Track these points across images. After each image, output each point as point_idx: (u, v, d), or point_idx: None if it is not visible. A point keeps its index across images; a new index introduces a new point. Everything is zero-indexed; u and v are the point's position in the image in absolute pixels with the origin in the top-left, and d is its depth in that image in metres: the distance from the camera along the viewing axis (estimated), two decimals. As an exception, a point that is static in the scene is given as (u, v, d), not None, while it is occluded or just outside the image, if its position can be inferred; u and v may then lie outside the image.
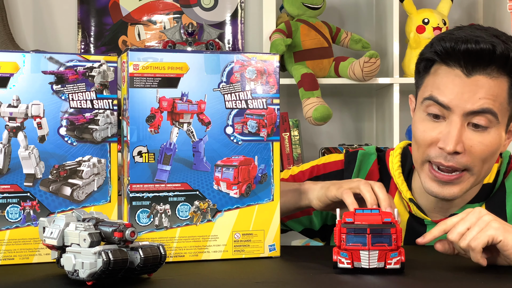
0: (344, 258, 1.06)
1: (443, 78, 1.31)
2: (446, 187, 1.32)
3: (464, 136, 1.29)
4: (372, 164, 1.51)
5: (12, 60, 1.16)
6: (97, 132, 1.20)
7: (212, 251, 1.20)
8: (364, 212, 1.09)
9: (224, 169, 1.21)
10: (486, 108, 1.28)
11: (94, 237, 0.98)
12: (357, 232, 1.06)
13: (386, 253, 1.06)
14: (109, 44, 2.93)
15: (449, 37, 1.31)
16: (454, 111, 1.29)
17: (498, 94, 1.29)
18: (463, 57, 1.28)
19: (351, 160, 1.52)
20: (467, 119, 1.29)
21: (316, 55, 2.62)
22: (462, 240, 1.11)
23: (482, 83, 1.28)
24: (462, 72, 1.29)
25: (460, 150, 1.28)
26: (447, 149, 1.28)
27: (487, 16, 2.92)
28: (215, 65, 1.20)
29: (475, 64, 1.28)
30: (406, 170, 1.46)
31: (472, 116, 1.29)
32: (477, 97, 1.28)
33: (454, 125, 1.28)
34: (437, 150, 1.31)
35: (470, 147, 1.29)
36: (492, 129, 1.30)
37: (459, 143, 1.28)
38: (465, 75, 1.29)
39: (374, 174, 1.50)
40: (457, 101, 1.28)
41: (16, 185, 1.16)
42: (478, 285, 1.04)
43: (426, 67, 1.35)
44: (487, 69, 1.28)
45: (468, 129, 1.30)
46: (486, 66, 1.28)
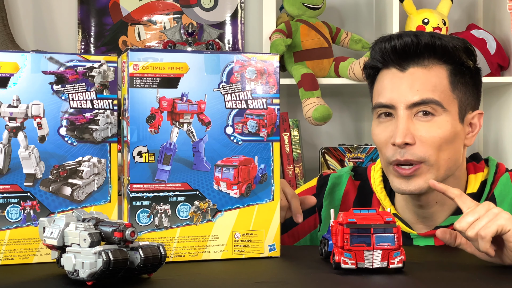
0: (348, 259, 1.06)
1: (383, 81, 1.36)
2: (410, 182, 1.33)
3: (412, 128, 1.32)
4: (346, 183, 1.52)
5: (12, 60, 1.16)
6: (97, 132, 1.20)
7: (212, 251, 1.20)
8: (362, 212, 1.09)
9: (224, 169, 1.21)
10: (425, 98, 1.32)
11: (94, 237, 0.98)
12: (360, 232, 1.06)
13: (389, 253, 1.06)
14: (109, 44, 2.93)
15: (377, 40, 1.38)
16: (398, 107, 1.33)
17: (436, 83, 1.33)
18: (392, 54, 1.34)
19: (323, 184, 1.54)
20: (412, 112, 1.32)
21: (316, 55, 2.62)
22: (470, 229, 1.10)
23: (418, 75, 1.33)
24: (397, 69, 1.34)
25: (409, 141, 1.31)
26: (396, 141, 1.31)
27: (487, 16, 2.92)
28: (215, 65, 1.20)
29: (405, 58, 1.33)
30: (388, 185, 1.44)
31: (416, 108, 1.32)
32: (415, 88, 1.32)
33: (400, 119, 1.32)
34: (392, 149, 1.33)
35: (420, 137, 1.31)
36: (439, 117, 1.32)
37: (407, 134, 1.31)
38: (400, 71, 1.34)
39: (351, 192, 1.51)
40: (397, 97, 1.33)
41: (16, 185, 1.16)
42: (478, 285, 1.04)
43: (369, 75, 1.42)
44: (419, 60, 1.33)
45: (416, 120, 1.33)
46: (417, 58, 1.33)
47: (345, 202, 1.51)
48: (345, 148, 2.69)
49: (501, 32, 2.73)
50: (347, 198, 1.51)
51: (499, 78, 2.63)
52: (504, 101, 2.72)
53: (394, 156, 1.33)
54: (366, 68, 1.42)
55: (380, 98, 1.36)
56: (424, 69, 1.33)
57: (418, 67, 1.33)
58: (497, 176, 1.42)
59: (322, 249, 1.19)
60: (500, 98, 2.74)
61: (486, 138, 2.82)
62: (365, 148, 2.69)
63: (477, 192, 1.40)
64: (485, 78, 2.62)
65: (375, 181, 1.47)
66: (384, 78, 1.37)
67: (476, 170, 1.42)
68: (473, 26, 2.79)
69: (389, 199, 1.45)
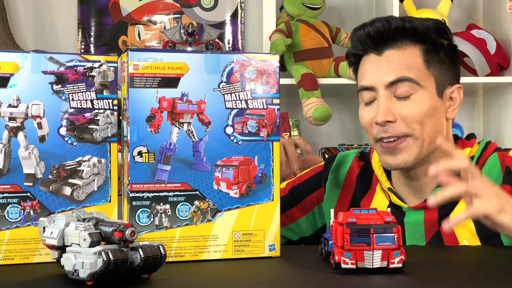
0: (348, 259, 1.06)
1: (363, 66, 1.46)
2: (396, 156, 1.41)
3: (393, 106, 1.40)
4: (352, 160, 1.61)
5: (12, 60, 1.16)
6: (97, 132, 1.20)
7: (212, 251, 1.20)
8: (362, 212, 1.09)
9: (224, 169, 1.21)
10: (401, 76, 1.40)
11: (94, 237, 0.98)
12: (360, 232, 1.06)
13: (389, 253, 1.06)
14: (109, 44, 2.93)
15: (354, 31, 1.47)
16: (377, 88, 1.42)
17: (411, 63, 1.41)
18: (368, 39, 1.43)
19: (330, 161, 1.65)
20: (391, 91, 1.41)
21: (316, 55, 2.62)
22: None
23: (393, 56, 1.42)
24: (374, 53, 1.44)
25: (391, 118, 1.39)
26: (378, 120, 1.40)
27: (487, 16, 2.92)
28: (215, 65, 1.20)
29: (380, 42, 1.43)
30: None
31: (394, 88, 1.40)
32: (391, 69, 1.41)
33: (380, 99, 1.41)
34: (376, 127, 1.42)
35: (400, 114, 1.40)
36: (417, 94, 1.40)
37: (388, 113, 1.39)
38: (377, 55, 1.43)
39: (355, 169, 1.60)
40: (376, 79, 1.42)
41: (16, 185, 1.16)
42: (478, 285, 1.04)
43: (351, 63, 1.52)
44: (393, 43, 1.42)
45: (395, 100, 1.41)
46: (391, 41, 1.42)
47: (349, 177, 1.60)
48: (345, 148, 2.69)
49: (501, 32, 2.73)
50: (351, 174, 1.60)
51: (499, 78, 2.63)
52: (504, 101, 2.72)
53: (379, 134, 1.41)
54: (348, 56, 1.52)
55: (362, 81, 1.46)
56: (398, 51, 1.42)
57: (392, 50, 1.42)
58: (486, 153, 1.48)
59: (322, 249, 1.19)
60: (500, 98, 2.74)
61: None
62: (365, 148, 2.69)
63: None
64: (485, 78, 2.63)
65: (374, 159, 1.56)
66: (364, 63, 1.46)
67: (464, 146, 1.50)
68: (473, 26, 2.79)
69: (386, 176, 1.53)
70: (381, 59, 1.43)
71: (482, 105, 2.95)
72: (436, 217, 1.44)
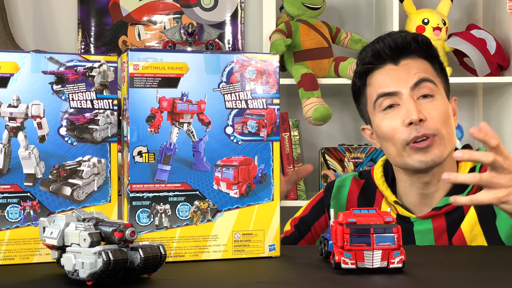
0: (348, 259, 1.06)
1: (380, 77, 1.51)
2: (429, 153, 1.44)
3: (420, 107, 1.44)
4: (350, 183, 1.65)
5: (12, 60, 1.16)
6: (97, 132, 1.20)
7: (212, 251, 1.20)
8: (362, 212, 1.09)
9: (224, 169, 1.21)
10: (423, 77, 1.47)
11: (94, 237, 0.98)
12: (360, 232, 1.06)
13: (389, 253, 1.06)
14: (109, 44, 2.93)
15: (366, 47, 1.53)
16: (402, 92, 1.46)
17: (426, 69, 1.49)
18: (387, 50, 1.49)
19: (329, 187, 1.67)
20: (415, 94, 1.46)
21: (316, 55, 2.62)
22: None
23: (411, 64, 1.49)
24: (391, 64, 1.50)
25: (423, 117, 1.43)
26: (413, 118, 1.42)
27: (486, 16, 2.92)
28: (215, 65, 1.20)
29: (397, 52, 1.49)
30: (389, 178, 1.60)
31: (417, 89, 1.46)
32: (412, 73, 1.47)
33: (408, 101, 1.45)
34: (407, 130, 1.44)
35: (428, 114, 1.44)
36: (437, 96, 1.47)
37: (420, 112, 1.43)
38: (394, 65, 1.49)
39: (354, 190, 1.63)
40: (399, 84, 1.47)
41: (16, 185, 1.16)
42: (478, 285, 1.04)
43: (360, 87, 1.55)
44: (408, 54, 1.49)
45: (420, 101, 1.46)
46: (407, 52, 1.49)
47: (350, 200, 1.62)
48: (345, 148, 2.69)
49: (501, 32, 2.73)
50: (351, 196, 1.63)
51: (499, 78, 2.63)
52: (504, 101, 2.72)
53: (411, 134, 1.43)
54: (357, 74, 1.55)
55: (382, 88, 1.48)
56: (412, 60, 1.49)
57: (408, 59, 1.49)
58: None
59: (322, 249, 1.19)
60: (500, 98, 2.74)
61: (486, 138, 2.81)
62: (365, 148, 2.69)
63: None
64: (485, 78, 2.63)
65: (377, 176, 1.59)
66: (379, 74, 1.51)
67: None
68: (473, 26, 2.79)
69: (390, 190, 1.56)
70: (398, 68, 1.49)
71: (482, 105, 2.95)
72: (444, 225, 1.48)
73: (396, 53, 1.50)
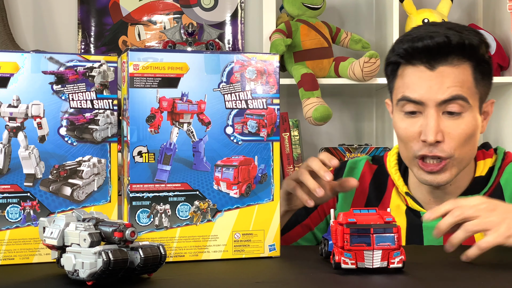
0: (348, 259, 1.06)
1: (411, 77, 1.40)
2: (437, 175, 1.40)
3: (442, 125, 1.37)
4: (363, 166, 1.59)
5: (12, 60, 1.16)
6: (97, 132, 1.20)
7: (212, 251, 1.20)
8: (362, 212, 1.09)
9: (224, 169, 1.21)
10: (455, 95, 1.36)
11: (94, 237, 0.98)
12: (360, 232, 1.06)
13: (389, 253, 1.06)
14: (109, 44, 2.93)
15: (406, 38, 1.41)
16: (428, 104, 1.37)
17: (463, 80, 1.38)
18: (423, 53, 1.37)
19: (340, 168, 1.60)
20: (441, 109, 1.37)
21: (316, 55, 2.62)
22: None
23: (447, 73, 1.37)
24: (426, 67, 1.38)
25: (440, 139, 1.36)
26: (428, 140, 1.36)
27: (486, 16, 2.92)
28: (215, 65, 1.20)
29: (435, 57, 1.37)
30: (402, 167, 1.54)
31: (445, 105, 1.37)
32: (445, 86, 1.37)
33: (430, 117, 1.37)
34: (420, 144, 1.39)
35: (449, 134, 1.37)
36: (466, 113, 1.38)
37: (438, 132, 1.36)
38: (429, 70, 1.38)
39: (367, 175, 1.57)
40: (427, 95, 1.37)
41: (16, 185, 1.16)
42: (479, 285, 1.04)
43: (393, 70, 1.45)
44: (447, 59, 1.37)
45: (444, 117, 1.38)
46: (446, 57, 1.37)
47: (361, 184, 1.56)
48: (345, 148, 2.69)
49: (501, 32, 2.73)
50: (363, 180, 1.57)
51: (499, 78, 2.63)
52: (504, 101, 2.72)
53: (421, 150, 1.38)
54: (389, 64, 1.45)
55: (409, 92, 1.39)
56: (452, 67, 1.37)
57: (446, 66, 1.37)
58: (505, 162, 1.49)
59: (322, 249, 1.19)
60: (500, 98, 2.74)
61: (486, 138, 2.81)
62: (365, 148, 2.69)
63: (485, 176, 1.48)
64: (485, 78, 2.62)
65: (390, 163, 1.54)
66: (411, 73, 1.40)
67: (485, 156, 1.50)
68: (473, 26, 2.79)
69: (403, 180, 1.51)
70: (433, 74, 1.37)
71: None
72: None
73: (434, 57, 1.37)
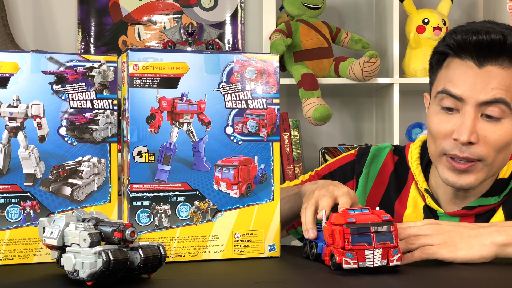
0: (350, 259, 1.06)
1: (456, 71, 1.33)
2: (462, 176, 1.33)
3: (478, 126, 1.30)
4: (386, 156, 1.53)
5: (12, 60, 1.16)
6: (97, 132, 1.20)
7: (212, 251, 1.20)
8: (356, 212, 1.10)
9: (224, 169, 1.21)
10: (499, 98, 1.29)
11: (94, 237, 0.98)
12: (361, 231, 1.06)
13: (388, 251, 1.06)
14: (109, 44, 2.93)
15: (460, 29, 1.33)
16: (467, 102, 1.30)
17: (510, 84, 1.30)
18: (474, 48, 1.30)
19: (363, 153, 1.56)
20: (480, 110, 1.30)
21: (316, 55, 2.62)
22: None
23: (495, 73, 1.30)
24: (474, 63, 1.31)
25: (474, 140, 1.30)
26: (461, 139, 1.29)
27: (487, 16, 2.92)
28: (215, 65, 1.20)
29: (487, 54, 1.30)
30: (424, 162, 1.48)
31: (485, 107, 1.30)
32: (489, 87, 1.29)
33: (467, 116, 1.30)
34: (452, 142, 1.32)
35: (484, 137, 1.30)
36: (505, 120, 1.31)
37: (473, 133, 1.29)
38: (477, 66, 1.30)
39: (389, 165, 1.53)
40: (469, 92, 1.30)
41: (16, 185, 1.16)
42: (478, 285, 1.04)
43: (439, 60, 1.38)
44: (498, 59, 1.30)
45: (482, 119, 1.31)
46: (498, 57, 1.30)
47: (382, 174, 1.53)
48: (345, 148, 2.69)
49: (501, 32, 2.72)
50: (384, 170, 1.53)
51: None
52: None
53: (453, 150, 1.32)
54: (436, 53, 1.39)
55: (450, 86, 1.33)
56: (501, 69, 1.30)
57: (495, 66, 1.30)
58: None
59: (307, 252, 1.19)
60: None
61: None
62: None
63: (508, 178, 1.42)
64: (485, 78, 2.62)
65: (412, 157, 1.48)
66: (457, 67, 1.33)
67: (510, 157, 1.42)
68: (473, 26, 2.79)
69: (423, 175, 1.46)
70: (480, 72, 1.30)
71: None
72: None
73: (485, 55, 1.30)
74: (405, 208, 1.48)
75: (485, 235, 1.16)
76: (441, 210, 1.43)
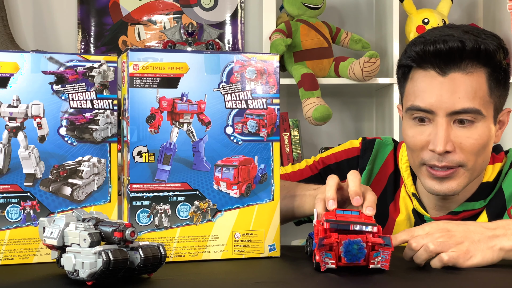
0: (328, 259, 1.06)
1: (421, 83, 1.33)
2: (444, 183, 1.34)
3: (452, 134, 1.31)
4: (388, 154, 1.53)
5: (12, 60, 1.16)
6: (97, 132, 1.20)
7: (212, 251, 1.20)
8: (345, 213, 1.09)
9: (224, 169, 1.21)
10: (467, 108, 1.30)
11: (94, 237, 0.98)
12: (340, 227, 1.06)
13: (369, 253, 1.06)
14: (109, 44, 2.93)
15: (419, 40, 1.33)
16: (437, 114, 1.31)
17: (477, 89, 1.30)
18: (434, 58, 1.30)
19: (367, 148, 1.55)
20: (452, 118, 1.31)
21: (316, 55, 2.62)
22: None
23: (459, 81, 1.30)
24: (437, 73, 1.31)
25: (450, 149, 1.30)
26: (437, 150, 1.30)
27: (487, 16, 2.92)
28: (215, 65, 1.20)
29: (447, 63, 1.30)
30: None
31: (456, 115, 1.31)
32: (456, 96, 1.30)
33: (440, 127, 1.30)
34: (429, 153, 1.33)
35: (460, 144, 1.31)
36: (478, 123, 1.31)
37: (448, 142, 1.30)
38: (440, 75, 1.31)
39: (389, 164, 1.52)
40: (438, 104, 1.30)
41: (16, 185, 1.16)
42: (478, 284, 1.04)
43: (404, 73, 1.39)
44: (461, 66, 1.30)
45: (455, 126, 1.31)
46: (459, 63, 1.30)
47: (382, 172, 1.53)
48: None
49: (501, 32, 2.73)
50: (385, 168, 1.52)
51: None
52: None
53: (431, 160, 1.32)
54: (400, 67, 1.39)
55: (418, 101, 1.33)
56: (464, 75, 1.30)
57: (459, 73, 1.30)
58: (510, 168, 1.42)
59: (307, 248, 1.20)
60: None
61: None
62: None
63: (493, 182, 1.42)
64: (485, 78, 2.62)
65: (402, 158, 1.48)
66: (421, 79, 1.33)
67: (494, 161, 1.43)
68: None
69: (412, 179, 1.45)
70: (444, 80, 1.30)
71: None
72: None
73: (446, 63, 1.30)
74: (398, 212, 1.48)
75: (494, 240, 1.14)
76: (427, 215, 1.43)
